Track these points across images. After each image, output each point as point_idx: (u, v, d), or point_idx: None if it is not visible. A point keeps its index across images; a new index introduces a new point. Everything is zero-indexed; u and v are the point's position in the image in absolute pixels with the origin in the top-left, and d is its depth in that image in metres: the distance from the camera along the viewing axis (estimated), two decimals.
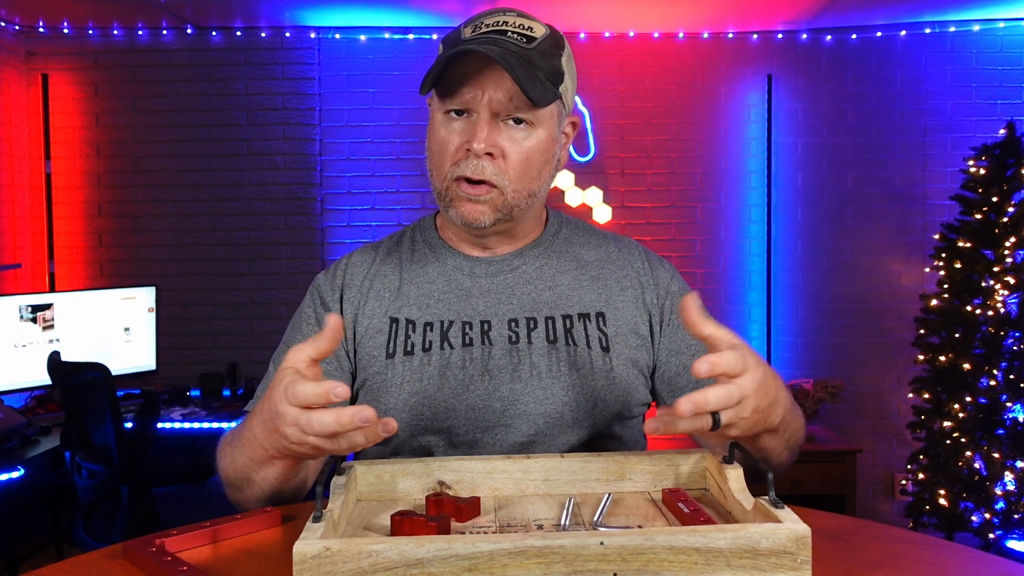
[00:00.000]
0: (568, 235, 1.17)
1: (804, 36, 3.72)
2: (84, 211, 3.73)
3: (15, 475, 2.56)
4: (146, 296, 3.44)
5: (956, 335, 3.13)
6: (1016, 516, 2.99)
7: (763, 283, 3.73)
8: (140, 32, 3.71)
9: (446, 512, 0.78)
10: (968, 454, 3.06)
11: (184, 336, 3.72)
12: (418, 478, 0.87)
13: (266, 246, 3.75)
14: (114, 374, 2.48)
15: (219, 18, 3.59)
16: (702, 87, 3.74)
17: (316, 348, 0.77)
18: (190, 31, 3.70)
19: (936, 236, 3.32)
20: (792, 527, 0.65)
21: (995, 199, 3.10)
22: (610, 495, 0.83)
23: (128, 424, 2.54)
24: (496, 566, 0.63)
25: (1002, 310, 3.07)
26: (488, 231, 1.06)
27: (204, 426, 3.08)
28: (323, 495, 0.71)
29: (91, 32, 3.70)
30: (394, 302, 1.09)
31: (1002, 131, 3.16)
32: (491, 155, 1.00)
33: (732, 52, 3.74)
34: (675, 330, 1.11)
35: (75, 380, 2.46)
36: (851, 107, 3.72)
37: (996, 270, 3.08)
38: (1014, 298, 3.08)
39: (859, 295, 3.75)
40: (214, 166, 3.74)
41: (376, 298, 1.10)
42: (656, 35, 3.73)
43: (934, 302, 3.22)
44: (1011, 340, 3.05)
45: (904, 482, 3.44)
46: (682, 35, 3.73)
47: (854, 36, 3.71)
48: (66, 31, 3.69)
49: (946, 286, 3.19)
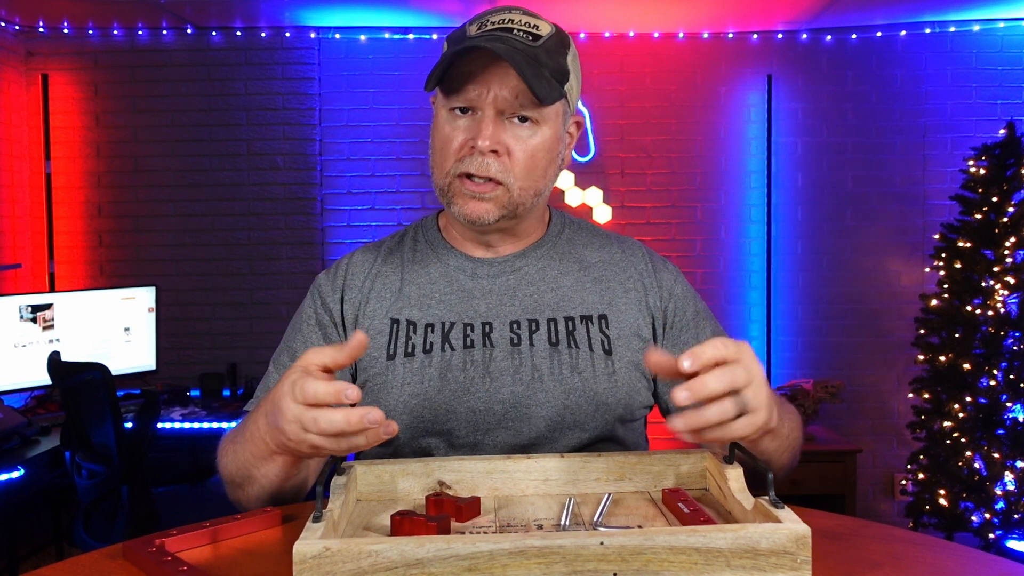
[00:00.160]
0: (571, 236, 1.16)
1: (804, 36, 3.72)
2: (84, 211, 3.73)
3: (15, 475, 2.56)
4: (146, 296, 3.43)
5: (956, 335, 3.13)
6: (1016, 516, 2.99)
7: (763, 283, 3.73)
8: (140, 32, 3.71)
9: (446, 512, 0.78)
10: (968, 454, 3.06)
11: (184, 336, 3.72)
12: (418, 478, 0.87)
13: (266, 246, 3.75)
14: (114, 374, 2.48)
15: (219, 18, 3.59)
16: (702, 87, 3.74)
17: (334, 358, 0.77)
18: (190, 31, 3.70)
19: (936, 236, 3.32)
20: (792, 527, 0.65)
21: (995, 199, 3.10)
22: (610, 495, 0.83)
23: (128, 424, 2.54)
24: (496, 566, 0.63)
25: (1002, 310, 3.07)
26: (491, 228, 1.05)
27: (204, 426, 3.08)
28: (323, 495, 0.71)
29: (91, 32, 3.70)
30: (395, 303, 1.08)
31: (1002, 131, 3.16)
32: (496, 153, 0.99)
33: (732, 52, 3.74)
34: (678, 333, 1.11)
35: (75, 380, 2.46)
36: (851, 107, 3.72)
37: (996, 270, 3.08)
38: (1014, 298, 3.08)
39: (859, 295, 3.75)
40: (214, 166, 3.74)
41: (377, 299, 1.09)
42: (656, 35, 3.73)
43: (934, 302, 3.22)
44: (1011, 340, 3.05)
45: (904, 482, 3.44)
46: (682, 35, 3.73)
47: (854, 36, 3.70)
48: (66, 31, 3.69)
49: (946, 286, 3.19)
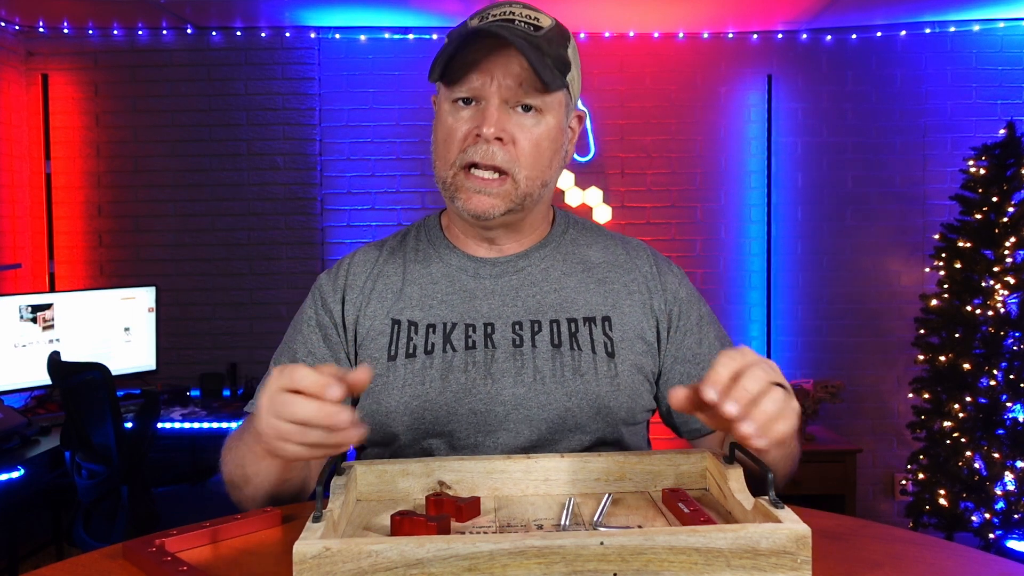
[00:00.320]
0: (575, 236, 1.14)
1: (804, 36, 3.72)
2: (84, 211, 3.73)
3: (15, 475, 2.56)
4: (146, 296, 3.43)
5: (956, 335, 3.13)
6: (1016, 516, 2.99)
7: (763, 283, 3.73)
8: (140, 32, 3.71)
9: (446, 512, 0.78)
10: (968, 454, 3.06)
11: (184, 336, 3.72)
12: (418, 478, 0.87)
13: (266, 246, 3.75)
14: (114, 374, 2.48)
15: (219, 18, 3.59)
16: (702, 87, 3.74)
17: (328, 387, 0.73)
18: (190, 31, 3.70)
19: (936, 236, 3.32)
20: (792, 527, 0.65)
21: (995, 199, 3.10)
22: (610, 495, 0.83)
23: (128, 424, 2.54)
24: (496, 566, 0.63)
25: (1002, 310, 3.07)
26: (495, 223, 1.04)
27: (204, 426, 3.08)
28: (323, 495, 0.71)
29: (91, 32, 3.70)
30: (396, 303, 1.07)
31: (1002, 131, 3.16)
32: (501, 141, 0.99)
33: (732, 52, 3.73)
34: (682, 337, 1.10)
35: (75, 380, 2.46)
36: (851, 107, 3.72)
37: (996, 270, 3.08)
38: (1014, 298, 3.08)
39: (859, 295, 3.75)
40: (214, 166, 3.74)
41: (379, 299, 1.08)
42: (656, 35, 3.72)
43: (934, 302, 3.22)
44: (1011, 340, 3.05)
45: (904, 482, 3.44)
46: (682, 35, 3.72)
47: (854, 36, 3.70)
48: (66, 31, 3.69)
49: (946, 286, 3.19)
